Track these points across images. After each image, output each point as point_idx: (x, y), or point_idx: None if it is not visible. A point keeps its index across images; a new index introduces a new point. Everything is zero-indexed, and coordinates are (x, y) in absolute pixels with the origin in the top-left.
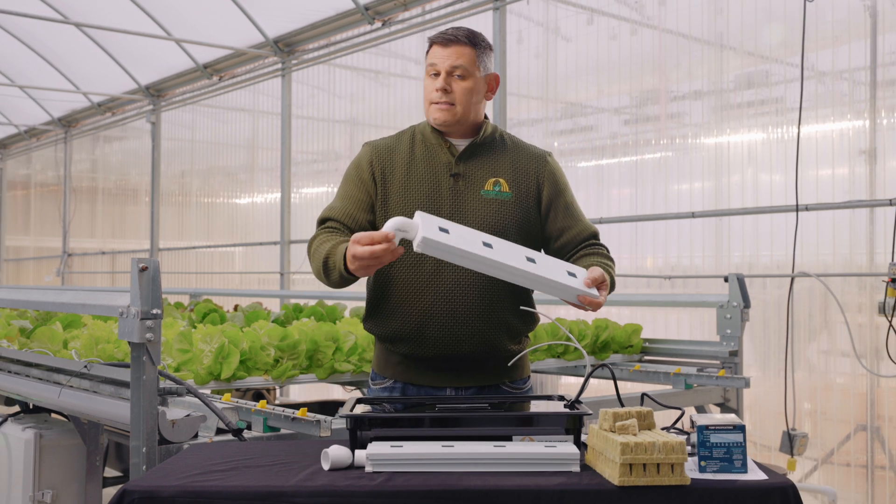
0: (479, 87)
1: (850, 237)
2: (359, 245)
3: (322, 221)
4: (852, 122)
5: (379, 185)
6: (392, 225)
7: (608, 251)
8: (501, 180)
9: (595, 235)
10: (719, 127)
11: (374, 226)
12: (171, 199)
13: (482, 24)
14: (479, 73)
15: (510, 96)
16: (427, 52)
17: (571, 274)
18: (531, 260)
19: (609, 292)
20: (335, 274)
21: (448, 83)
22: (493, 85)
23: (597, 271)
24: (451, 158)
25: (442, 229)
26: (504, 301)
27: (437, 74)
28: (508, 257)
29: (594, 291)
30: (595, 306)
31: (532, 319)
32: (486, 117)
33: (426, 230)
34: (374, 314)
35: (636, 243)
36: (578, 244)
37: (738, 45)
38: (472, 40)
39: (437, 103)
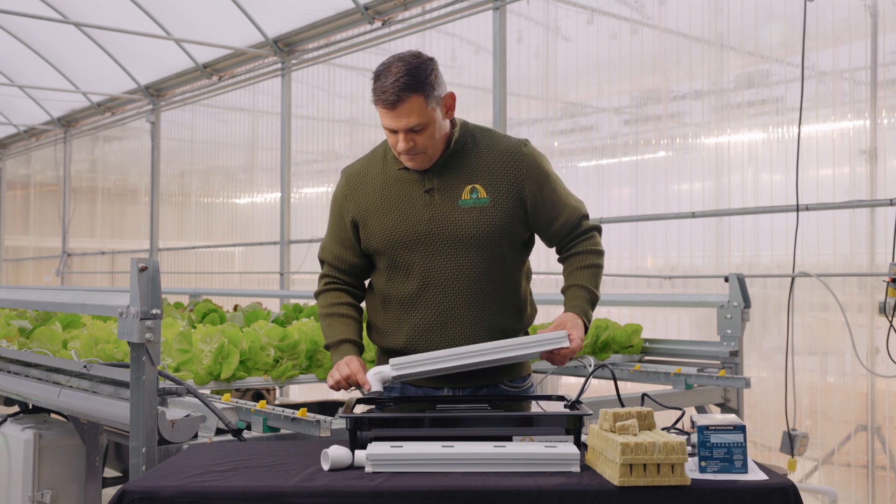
0: (439, 123)
1: (851, 237)
2: (344, 373)
3: (321, 262)
4: (853, 121)
5: (357, 216)
6: (375, 383)
7: (595, 242)
8: (478, 186)
9: (583, 217)
10: (720, 127)
11: (366, 257)
12: (171, 199)
13: (482, 23)
14: (435, 113)
15: (510, 96)
16: (374, 101)
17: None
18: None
19: (594, 300)
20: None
21: (410, 139)
22: (450, 104)
23: (563, 319)
24: (424, 175)
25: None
26: (495, 306)
27: (395, 132)
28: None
29: (561, 333)
30: (565, 355)
31: (527, 313)
32: (453, 124)
33: (393, 361)
34: (371, 330)
35: (636, 243)
36: (569, 232)
37: (738, 44)
38: (415, 86)
39: (406, 154)
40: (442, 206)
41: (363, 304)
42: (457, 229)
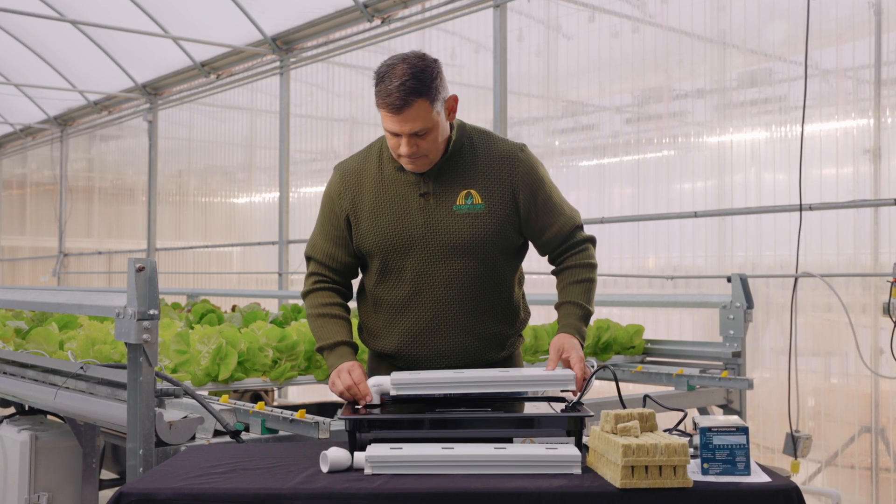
0: (442, 126)
1: (854, 237)
2: (346, 383)
3: (308, 259)
4: (856, 120)
5: (350, 213)
6: (374, 395)
7: (588, 255)
8: (473, 192)
9: (577, 228)
10: (722, 125)
11: (357, 257)
12: (169, 198)
13: (482, 21)
14: (440, 117)
15: (511, 95)
16: (377, 104)
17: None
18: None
19: (587, 315)
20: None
21: (413, 143)
22: (453, 106)
23: (559, 343)
24: (419, 178)
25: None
26: (487, 312)
27: (397, 135)
28: (480, 372)
29: (568, 374)
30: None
31: (520, 318)
32: (451, 126)
33: (394, 379)
34: (362, 332)
35: (638, 243)
36: (562, 242)
37: (740, 42)
38: (421, 90)
39: (406, 157)
40: (437, 210)
41: (353, 305)
42: (451, 235)
